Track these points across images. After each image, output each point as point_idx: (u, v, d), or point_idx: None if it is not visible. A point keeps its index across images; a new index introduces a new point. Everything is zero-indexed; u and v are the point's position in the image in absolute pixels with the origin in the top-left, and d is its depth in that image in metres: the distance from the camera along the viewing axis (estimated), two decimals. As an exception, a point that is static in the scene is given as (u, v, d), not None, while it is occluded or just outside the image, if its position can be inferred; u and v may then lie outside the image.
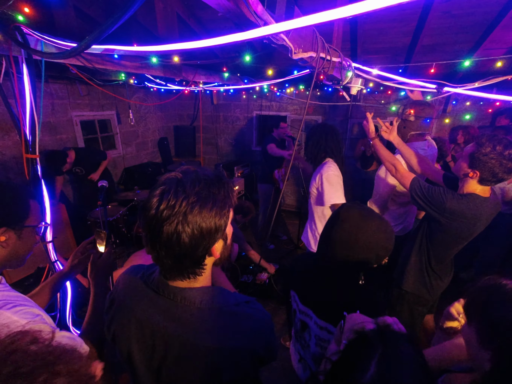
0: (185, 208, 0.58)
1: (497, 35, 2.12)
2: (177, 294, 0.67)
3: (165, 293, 0.69)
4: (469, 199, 1.35)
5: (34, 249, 0.88)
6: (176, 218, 0.58)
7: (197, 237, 0.60)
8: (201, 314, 0.66)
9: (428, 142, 2.09)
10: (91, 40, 0.89)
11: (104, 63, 1.78)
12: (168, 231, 0.59)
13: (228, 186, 0.66)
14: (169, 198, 0.59)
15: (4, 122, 3.29)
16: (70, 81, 3.83)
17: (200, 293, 0.68)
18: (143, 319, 0.70)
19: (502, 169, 1.23)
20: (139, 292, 0.73)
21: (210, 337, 0.64)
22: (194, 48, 1.01)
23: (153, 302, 0.70)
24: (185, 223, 0.59)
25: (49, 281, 1.04)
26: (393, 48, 2.66)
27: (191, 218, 0.59)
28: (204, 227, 0.60)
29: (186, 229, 0.59)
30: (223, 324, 0.67)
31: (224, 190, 0.64)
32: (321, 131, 2.04)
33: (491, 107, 3.72)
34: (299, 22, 0.74)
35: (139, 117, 5.32)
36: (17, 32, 1.22)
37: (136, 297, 0.73)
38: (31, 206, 0.84)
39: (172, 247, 0.61)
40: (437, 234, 1.53)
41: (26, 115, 1.31)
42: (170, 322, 0.67)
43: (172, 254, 0.62)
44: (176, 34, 1.99)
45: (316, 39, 1.23)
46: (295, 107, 5.06)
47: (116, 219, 3.20)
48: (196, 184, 0.61)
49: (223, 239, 0.68)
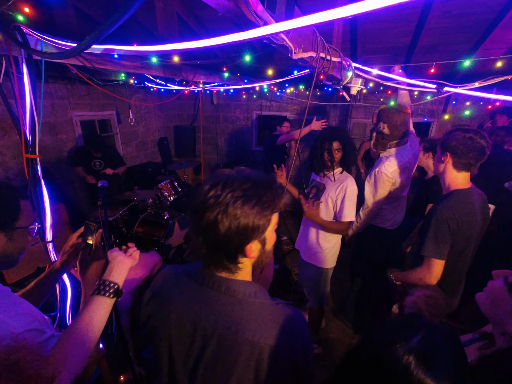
0: (228, 200, 0.62)
1: (497, 35, 2.12)
2: (221, 284, 0.69)
3: (209, 283, 0.70)
4: (455, 195, 1.41)
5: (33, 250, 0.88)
6: (218, 207, 0.62)
7: (233, 231, 0.63)
8: (243, 306, 0.67)
9: (409, 140, 2.05)
10: (91, 40, 0.89)
11: (104, 63, 1.78)
12: (209, 218, 0.63)
13: (276, 191, 0.68)
14: (217, 189, 0.64)
15: (4, 122, 3.29)
16: (70, 81, 3.83)
17: (243, 285, 0.70)
18: (183, 311, 0.71)
19: (467, 147, 1.34)
20: (181, 284, 0.75)
21: (250, 330, 0.64)
22: (194, 48, 1.01)
23: (195, 294, 0.71)
24: (224, 214, 0.62)
25: (42, 277, 1.01)
26: (393, 48, 2.66)
27: (232, 210, 0.62)
28: (241, 223, 0.63)
29: (224, 220, 0.62)
30: (264, 319, 0.66)
31: (271, 193, 0.66)
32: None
33: (491, 106, 3.72)
34: (299, 22, 0.74)
35: (139, 117, 5.32)
36: (17, 32, 1.21)
37: (177, 289, 0.74)
38: (21, 207, 0.82)
39: (209, 235, 0.65)
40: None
41: (26, 115, 1.31)
42: (212, 314, 0.68)
43: (207, 242, 0.67)
44: (176, 34, 1.99)
45: (316, 39, 1.23)
46: (295, 107, 5.06)
47: (116, 219, 3.20)
48: (245, 182, 0.65)
49: (260, 242, 0.69)
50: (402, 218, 2.21)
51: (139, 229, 3.27)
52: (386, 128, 1.92)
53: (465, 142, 1.35)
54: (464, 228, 1.37)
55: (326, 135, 1.85)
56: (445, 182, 1.47)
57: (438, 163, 1.49)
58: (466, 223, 1.37)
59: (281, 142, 3.41)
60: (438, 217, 1.37)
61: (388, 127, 1.92)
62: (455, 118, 4.00)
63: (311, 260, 2.04)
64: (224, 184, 0.64)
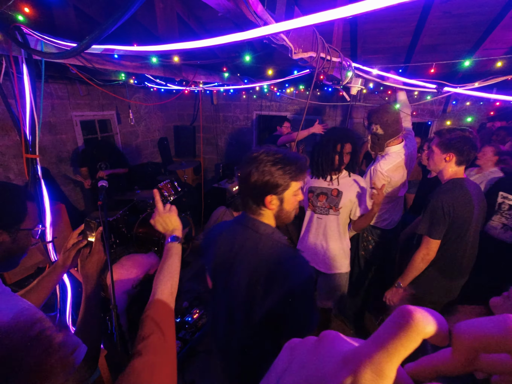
0: (261, 161, 0.90)
1: (497, 35, 2.12)
2: (249, 222, 0.98)
3: (244, 222, 1.00)
4: (451, 183, 1.55)
5: (33, 250, 0.87)
6: (254, 164, 0.91)
7: (258, 182, 0.90)
8: (262, 238, 0.94)
9: (406, 140, 2.04)
10: (91, 40, 0.89)
11: (104, 63, 1.78)
12: (245, 171, 0.93)
13: (299, 165, 0.92)
14: (258, 153, 0.92)
15: (4, 122, 3.29)
16: (70, 81, 3.83)
17: (264, 225, 0.97)
18: (227, 241, 1.01)
19: (468, 146, 1.49)
20: (229, 226, 1.06)
21: (263, 255, 0.91)
22: (194, 48, 1.01)
23: (237, 230, 1.01)
24: (255, 170, 0.90)
25: (44, 275, 1.01)
26: (393, 48, 2.66)
27: (261, 168, 0.90)
28: (265, 178, 0.89)
29: (254, 173, 0.90)
30: (273, 250, 0.92)
31: (294, 165, 0.91)
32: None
33: (492, 108, 3.72)
34: (299, 22, 0.74)
35: (139, 117, 5.32)
36: (17, 32, 1.21)
37: (225, 231, 1.05)
38: (28, 208, 0.82)
39: (244, 184, 0.94)
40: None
41: (26, 115, 1.30)
42: (242, 240, 0.97)
43: (243, 189, 0.97)
44: (176, 34, 1.98)
45: (316, 39, 1.23)
46: (295, 107, 5.06)
47: (116, 219, 3.20)
48: (278, 153, 0.92)
49: (278, 199, 0.94)
50: (399, 218, 2.21)
51: (139, 229, 3.27)
52: (379, 128, 1.92)
53: (466, 141, 1.49)
54: (460, 210, 1.50)
55: (339, 136, 1.75)
56: (444, 175, 1.61)
57: (440, 162, 1.59)
58: (461, 206, 1.49)
59: (281, 142, 3.42)
60: (433, 201, 1.55)
61: (381, 127, 1.91)
62: (455, 119, 4.00)
63: (337, 269, 1.92)
64: (263, 151, 0.92)
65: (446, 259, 1.59)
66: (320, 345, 0.22)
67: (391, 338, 0.17)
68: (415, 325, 0.17)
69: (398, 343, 0.17)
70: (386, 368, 0.17)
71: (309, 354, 0.22)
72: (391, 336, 0.17)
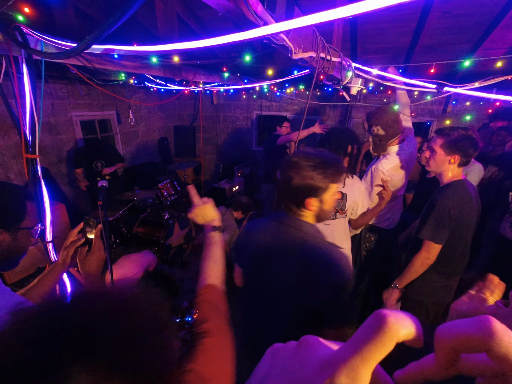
0: (304, 165, 0.94)
1: (497, 35, 2.12)
2: (292, 221, 1.02)
3: (285, 221, 1.03)
4: (454, 185, 1.51)
5: (33, 250, 0.87)
6: (296, 169, 0.94)
7: (300, 187, 0.94)
8: (307, 237, 0.99)
9: (406, 139, 2.04)
10: (91, 40, 0.89)
11: (104, 63, 1.78)
12: (287, 175, 0.96)
13: (337, 169, 0.97)
14: (299, 157, 0.96)
15: (4, 122, 3.29)
16: (70, 81, 3.83)
17: (307, 224, 1.01)
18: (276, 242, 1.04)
19: (472, 147, 1.44)
20: (265, 224, 1.10)
21: (308, 250, 0.97)
22: (194, 48, 1.01)
23: (275, 228, 1.06)
24: (297, 174, 0.94)
25: (45, 273, 1.01)
26: (393, 48, 2.66)
27: (303, 172, 0.93)
28: (306, 182, 0.93)
29: (296, 178, 0.94)
30: (317, 248, 0.98)
31: (333, 169, 0.95)
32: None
33: (491, 107, 3.72)
34: (299, 22, 0.74)
35: (139, 117, 5.32)
36: (17, 32, 1.22)
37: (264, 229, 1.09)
38: (27, 208, 0.82)
39: (286, 188, 0.99)
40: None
41: (26, 115, 1.31)
42: (285, 239, 1.00)
43: (285, 192, 1.02)
44: (176, 34, 1.98)
45: (316, 39, 1.23)
46: (295, 107, 5.06)
47: (116, 219, 3.20)
48: (318, 157, 0.96)
49: (319, 201, 0.97)
50: (399, 218, 2.20)
51: (139, 229, 3.27)
52: (380, 129, 1.92)
53: (471, 143, 1.43)
54: (465, 214, 1.46)
55: (348, 138, 1.70)
56: (444, 176, 1.55)
57: (442, 163, 1.52)
58: (466, 210, 1.46)
59: (281, 142, 3.41)
60: (440, 205, 1.48)
61: (382, 128, 1.92)
62: (455, 118, 4.00)
63: None
64: (302, 156, 0.96)
65: (446, 261, 1.57)
66: (300, 350, 0.22)
67: (365, 342, 0.18)
68: (388, 329, 0.18)
69: (372, 347, 0.17)
70: (361, 372, 0.17)
71: (289, 359, 0.22)
72: (366, 340, 0.18)
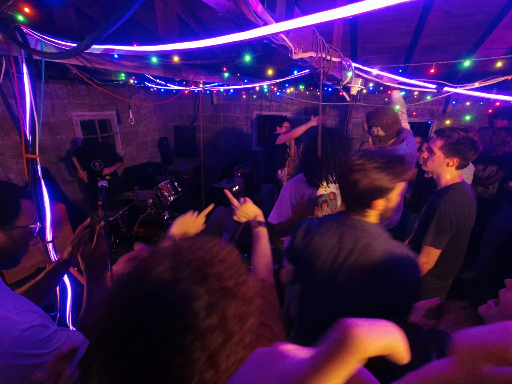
0: (371, 167, 0.90)
1: (497, 35, 2.12)
2: (357, 223, 1.00)
3: (347, 222, 1.02)
4: (454, 188, 1.48)
5: (33, 250, 0.88)
6: (362, 171, 0.90)
7: (368, 189, 0.91)
8: (374, 236, 0.97)
9: (406, 140, 2.03)
10: (91, 40, 0.89)
11: (104, 63, 1.78)
12: (353, 178, 0.92)
13: (405, 166, 0.94)
14: (364, 158, 0.92)
15: (4, 122, 3.29)
16: (70, 81, 3.83)
17: (372, 225, 0.99)
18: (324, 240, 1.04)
19: (472, 150, 1.41)
20: (324, 225, 1.08)
21: (378, 251, 0.94)
22: (194, 48, 1.01)
23: (334, 230, 1.04)
24: (365, 177, 0.90)
25: (49, 269, 1.02)
26: (393, 48, 2.66)
27: (370, 175, 0.90)
28: (375, 184, 0.90)
29: (363, 181, 0.90)
30: (386, 244, 0.95)
31: (400, 167, 0.92)
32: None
33: (491, 107, 3.72)
34: (299, 22, 0.74)
35: (139, 117, 5.32)
36: (17, 32, 1.21)
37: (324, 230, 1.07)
38: (21, 206, 0.82)
39: (351, 190, 0.95)
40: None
41: (26, 115, 1.31)
42: (350, 240, 0.99)
43: (350, 195, 0.99)
44: (176, 34, 1.98)
45: (316, 39, 1.23)
46: (295, 107, 5.05)
47: (116, 219, 3.20)
48: (384, 157, 0.91)
49: (385, 200, 0.94)
50: (399, 218, 2.20)
51: (139, 229, 3.27)
52: (380, 130, 1.92)
53: (472, 146, 1.40)
54: (465, 219, 1.44)
55: (340, 137, 1.60)
56: (442, 178, 1.53)
57: (440, 166, 1.49)
58: (466, 214, 1.44)
59: (280, 141, 3.40)
60: (440, 210, 1.45)
61: (381, 129, 1.92)
62: (455, 119, 4.00)
63: None
64: (369, 156, 0.92)
65: (442, 264, 1.55)
66: (268, 359, 0.21)
67: (325, 358, 0.16)
68: (351, 342, 0.15)
69: (330, 364, 0.15)
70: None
71: (258, 368, 0.22)
72: (325, 355, 0.16)
